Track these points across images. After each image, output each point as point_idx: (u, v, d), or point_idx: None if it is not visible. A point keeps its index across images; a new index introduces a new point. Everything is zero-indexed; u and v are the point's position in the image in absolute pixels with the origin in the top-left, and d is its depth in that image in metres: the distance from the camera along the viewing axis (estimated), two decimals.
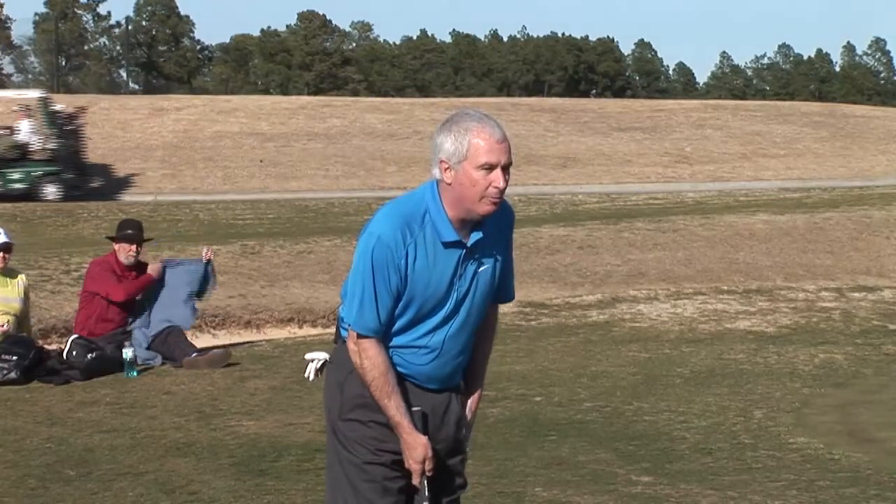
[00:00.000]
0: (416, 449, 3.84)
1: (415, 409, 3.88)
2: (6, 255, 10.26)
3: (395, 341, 3.86)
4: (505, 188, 3.75)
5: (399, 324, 3.84)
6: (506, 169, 3.74)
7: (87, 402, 8.89)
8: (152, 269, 10.66)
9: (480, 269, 3.87)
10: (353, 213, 24.15)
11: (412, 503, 3.97)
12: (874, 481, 6.82)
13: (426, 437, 3.85)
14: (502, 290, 4.00)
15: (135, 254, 10.68)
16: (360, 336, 3.80)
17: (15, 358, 9.52)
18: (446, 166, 3.73)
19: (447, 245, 3.78)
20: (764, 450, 7.55)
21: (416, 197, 3.83)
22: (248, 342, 11.74)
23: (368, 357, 3.80)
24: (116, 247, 10.64)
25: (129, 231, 10.69)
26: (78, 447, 7.48)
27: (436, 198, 3.79)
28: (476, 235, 3.81)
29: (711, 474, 6.95)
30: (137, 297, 10.54)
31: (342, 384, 3.94)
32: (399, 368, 3.87)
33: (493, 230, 3.84)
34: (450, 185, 3.74)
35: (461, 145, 3.70)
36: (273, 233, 19.82)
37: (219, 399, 8.96)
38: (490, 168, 3.70)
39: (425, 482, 3.88)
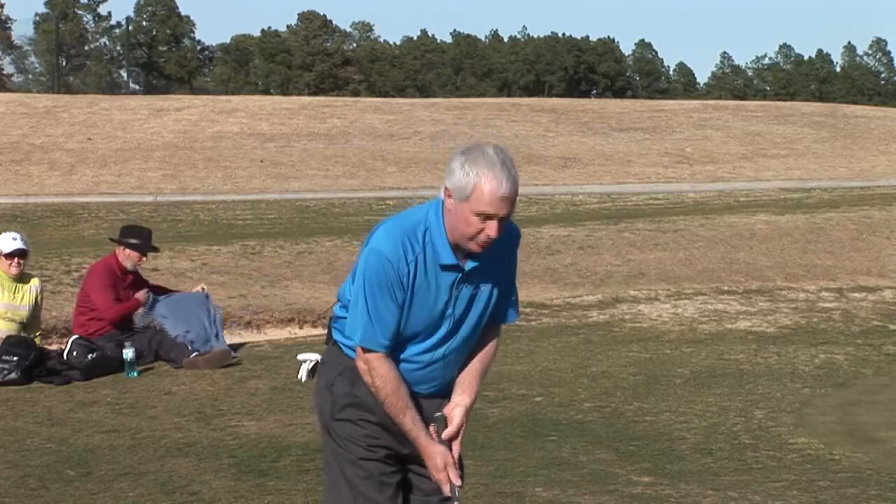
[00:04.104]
0: (435, 458, 3.85)
1: (437, 415, 3.89)
2: (21, 261, 10.26)
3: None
4: (497, 237, 3.72)
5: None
6: (504, 219, 3.72)
7: (87, 402, 8.90)
8: (142, 295, 10.58)
9: (476, 293, 3.86)
10: (353, 213, 24.13)
11: (409, 499, 3.98)
12: (875, 481, 6.82)
13: (443, 445, 3.86)
14: (501, 311, 3.97)
15: (140, 263, 10.73)
16: (367, 352, 3.80)
17: (16, 358, 9.53)
18: (449, 194, 3.72)
19: (444, 267, 3.78)
20: (764, 450, 7.55)
21: (419, 214, 3.82)
22: (248, 342, 11.74)
23: (379, 375, 3.80)
24: (123, 252, 10.62)
25: (138, 241, 10.66)
26: (78, 447, 7.48)
27: (439, 218, 3.78)
28: (472, 263, 3.80)
29: (712, 474, 6.96)
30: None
31: (332, 384, 3.95)
32: None
33: (493, 255, 3.82)
34: (450, 210, 3.74)
35: (467, 185, 3.67)
36: (273, 233, 19.81)
37: (219, 399, 8.96)
38: (487, 218, 3.69)
39: (456, 491, 3.87)
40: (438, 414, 3.89)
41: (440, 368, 3.92)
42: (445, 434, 3.86)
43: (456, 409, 3.90)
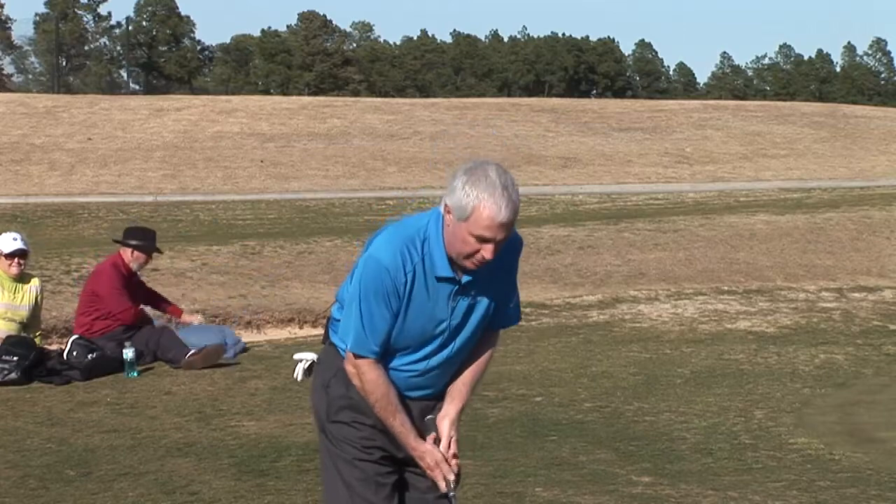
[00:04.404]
0: (424, 458, 3.87)
1: (428, 417, 3.92)
2: (21, 261, 10.26)
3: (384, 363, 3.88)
4: (492, 258, 3.72)
5: (389, 350, 3.86)
6: (501, 242, 3.71)
7: (87, 402, 8.90)
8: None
9: (475, 303, 3.86)
10: (353, 213, 24.14)
11: (404, 500, 4.00)
12: (874, 481, 6.82)
13: (431, 444, 3.87)
14: (501, 316, 3.97)
15: (146, 263, 10.81)
16: (358, 357, 3.81)
17: (16, 358, 9.52)
18: (448, 211, 3.72)
19: (440, 279, 3.79)
20: (764, 450, 7.55)
21: (419, 224, 3.81)
22: (248, 342, 11.74)
23: (369, 380, 3.82)
24: (130, 253, 10.64)
25: (144, 242, 10.71)
26: (78, 447, 7.48)
27: (438, 229, 3.77)
28: (468, 276, 3.80)
29: (712, 475, 6.96)
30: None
31: (327, 385, 3.97)
32: None
33: (492, 266, 3.79)
34: (448, 226, 3.74)
35: (466, 206, 3.65)
36: (273, 233, 19.81)
37: (219, 399, 8.96)
38: (483, 240, 3.69)
39: (452, 484, 3.89)
40: (429, 417, 3.92)
41: (436, 376, 3.94)
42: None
43: (444, 420, 3.92)
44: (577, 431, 8.00)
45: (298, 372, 4.71)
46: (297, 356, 9.68)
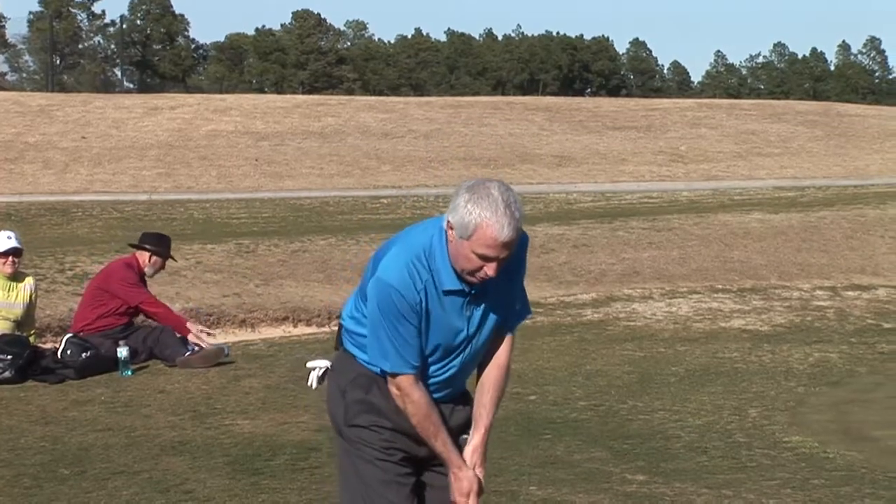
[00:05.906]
0: (462, 482, 3.91)
1: (462, 437, 3.96)
2: (15, 260, 10.26)
3: None
4: (495, 275, 3.74)
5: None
6: (504, 259, 3.72)
7: (81, 400, 8.89)
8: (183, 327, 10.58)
9: (489, 307, 3.88)
10: (347, 211, 24.12)
11: (423, 497, 4.03)
12: (868, 480, 6.83)
13: (473, 472, 3.92)
14: (511, 318, 3.99)
15: (161, 269, 10.84)
16: (397, 375, 3.81)
17: (9, 357, 9.51)
18: (451, 227, 3.72)
19: (449, 293, 3.80)
20: (759, 448, 7.55)
21: (423, 240, 3.80)
22: (242, 341, 11.73)
23: (412, 401, 3.82)
24: (146, 257, 10.65)
25: (162, 248, 10.75)
26: (72, 446, 7.47)
27: (443, 244, 3.77)
28: (475, 286, 3.82)
29: (706, 473, 6.96)
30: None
31: (344, 390, 3.97)
32: None
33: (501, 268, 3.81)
34: (452, 241, 3.74)
35: (468, 224, 3.65)
36: (268, 231, 19.80)
37: (213, 398, 8.95)
38: (486, 259, 3.70)
39: None
40: (463, 437, 3.97)
41: (454, 378, 3.97)
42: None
43: (473, 453, 3.97)
44: (572, 430, 8.01)
45: (312, 380, 4.61)
46: (310, 364, 9.61)
